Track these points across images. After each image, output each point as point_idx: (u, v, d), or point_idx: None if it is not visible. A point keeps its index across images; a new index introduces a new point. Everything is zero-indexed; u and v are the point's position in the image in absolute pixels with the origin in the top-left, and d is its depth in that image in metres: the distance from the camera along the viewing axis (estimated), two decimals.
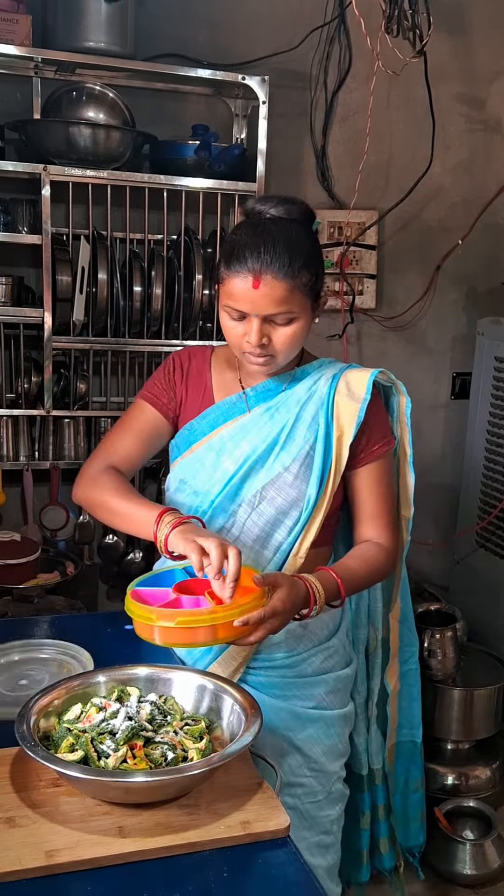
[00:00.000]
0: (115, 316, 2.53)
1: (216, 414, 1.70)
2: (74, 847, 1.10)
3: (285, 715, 1.68)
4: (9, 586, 2.44)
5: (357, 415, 1.63)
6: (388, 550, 1.69)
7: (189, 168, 2.52)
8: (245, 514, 1.65)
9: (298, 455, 1.64)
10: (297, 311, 1.54)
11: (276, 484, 1.64)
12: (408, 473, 1.78)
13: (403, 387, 1.76)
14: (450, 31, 2.91)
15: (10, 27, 2.33)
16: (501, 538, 2.93)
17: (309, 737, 1.71)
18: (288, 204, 1.60)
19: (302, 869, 1.11)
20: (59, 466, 2.69)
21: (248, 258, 1.51)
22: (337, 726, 1.75)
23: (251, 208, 1.62)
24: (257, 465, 1.65)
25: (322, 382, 1.68)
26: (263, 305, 1.52)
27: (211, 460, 1.68)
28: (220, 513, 1.66)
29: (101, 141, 2.38)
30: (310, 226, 1.62)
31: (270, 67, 2.68)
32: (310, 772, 1.72)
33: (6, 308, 2.46)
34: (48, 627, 1.80)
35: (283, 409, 1.67)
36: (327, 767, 1.74)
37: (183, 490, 1.71)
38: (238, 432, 1.67)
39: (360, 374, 1.68)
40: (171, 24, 2.64)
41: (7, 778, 1.22)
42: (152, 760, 1.22)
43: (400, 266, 3.07)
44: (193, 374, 1.75)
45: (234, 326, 1.57)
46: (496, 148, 3.10)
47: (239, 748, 1.21)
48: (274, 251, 1.50)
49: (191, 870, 1.09)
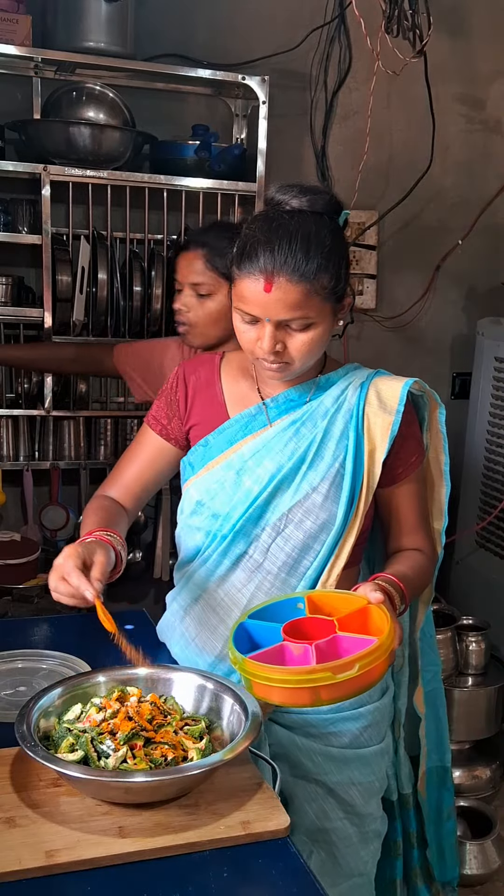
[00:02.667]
0: (115, 316, 2.53)
1: (234, 428, 1.54)
2: (74, 847, 1.10)
3: (319, 758, 1.53)
4: (9, 586, 2.44)
5: (391, 428, 1.48)
6: (431, 559, 1.58)
7: (189, 168, 2.52)
8: (269, 539, 1.50)
9: (328, 473, 1.48)
10: (315, 316, 1.39)
11: (304, 506, 1.49)
12: (441, 484, 1.63)
13: (437, 396, 1.60)
14: (450, 31, 2.91)
15: (10, 27, 2.33)
16: (501, 538, 2.93)
17: (345, 777, 1.55)
18: (311, 194, 1.42)
19: (302, 869, 1.11)
20: (59, 466, 2.69)
21: (260, 257, 1.35)
22: (375, 764, 1.59)
23: (271, 198, 1.45)
24: (283, 484, 1.49)
25: (350, 392, 1.52)
26: (276, 310, 1.36)
27: (231, 480, 1.51)
28: (241, 537, 1.51)
29: (102, 141, 2.38)
30: (335, 219, 1.43)
31: (270, 67, 2.68)
32: (344, 814, 1.56)
33: (6, 308, 2.46)
34: (48, 628, 1.80)
35: (309, 422, 1.50)
36: (363, 810, 1.58)
37: (200, 513, 1.55)
38: (260, 449, 1.51)
39: (392, 384, 1.53)
40: (171, 24, 2.64)
41: (7, 778, 1.22)
42: (152, 760, 1.22)
43: (400, 266, 3.07)
44: (201, 386, 1.59)
45: (246, 330, 1.42)
46: (496, 148, 3.10)
47: (239, 748, 1.20)
48: (289, 250, 1.35)
49: (191, 870, 1.09)
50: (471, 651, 2.69)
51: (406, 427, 1.51)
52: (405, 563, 1.51)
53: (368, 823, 1.59)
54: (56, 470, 2.71)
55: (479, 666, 2.69)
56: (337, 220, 1.44)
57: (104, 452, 2.72)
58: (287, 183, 1.45)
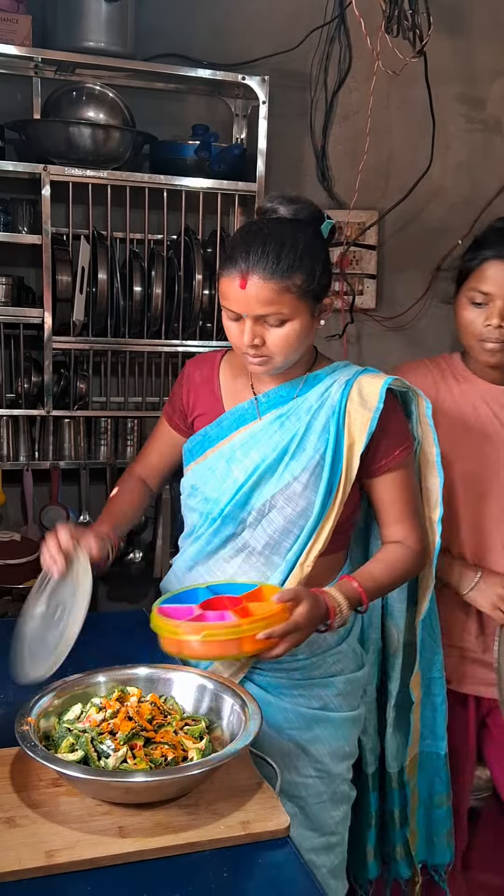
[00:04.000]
0: (115, 316, 2.53)
1: (229, 421, 1.70)
2: (74, 847, 1.10)
3: (291, 715, 1.69)
4: (9, 586, 2.44)
5: (369, 424, 1.61)
6: (415, 551, 1.68)
7: (189, 168, 2.52)
8: (255, 522, 1.66)
9: (308, 465, 1.63)
10: (289, 312, 1.53)
11: (285, 493, 1.63)
12: (433, 475, 1.74)
13: (420, 391, 1.73)
14: (450, 31, 2.91)
15: (10, 27, 2.33)
16: None
17: (314, 737, 1.70)
18: (293, 204, 1.59)
19: (302, 869, 1.11)
20: (59, 466, 2.69)
21: (237, 259, 1.52)
22: (344, 729, 1.74)
23: (261, 207, 1.63)
24: (267, 474, 1.64)
25: (335, 389, 1.65)
26: (251, 306, 1.52)
27: (221, 468, 1.68)
28: (229, 521, 1.67)
29: (101, 141, 2.38)
30: (317, 227, 1.60)
31: (270, 67, 2.67)
32: (315, 772, 1.72)
33: (6, 308, 2.46)
34: None
35: (293, 416, 1.65)
36: (332, 769, 1.73)
37: (195, 496, 1.73)
38: (248, 441, 1.66)
39: (373, 381, 1.65)
40: (171, 24, 2.64)
41: (7, 778, 1.22)
42: (152, 760, 1.22)
43: (400, 266, 3.07)
44: (201, 383, 1.77)
45: (231, 326, 1.59)
46: (496, 148, 3.10)
47: (239, 747, 1.21)
48: (262, 252, 1.50)
49: (191, 870, 1.09)
50: None
51: (387, 422, 1.63)
52: (378, 561, 1.67)
53: (339, 784, 1.75)
54: (56, 470, 2.71)
55: None
56: (318, 228, 1.59)
57: (104, 452, 2.72)
58: (277, 194, 1.62)
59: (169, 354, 2.65)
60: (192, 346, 2.61)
